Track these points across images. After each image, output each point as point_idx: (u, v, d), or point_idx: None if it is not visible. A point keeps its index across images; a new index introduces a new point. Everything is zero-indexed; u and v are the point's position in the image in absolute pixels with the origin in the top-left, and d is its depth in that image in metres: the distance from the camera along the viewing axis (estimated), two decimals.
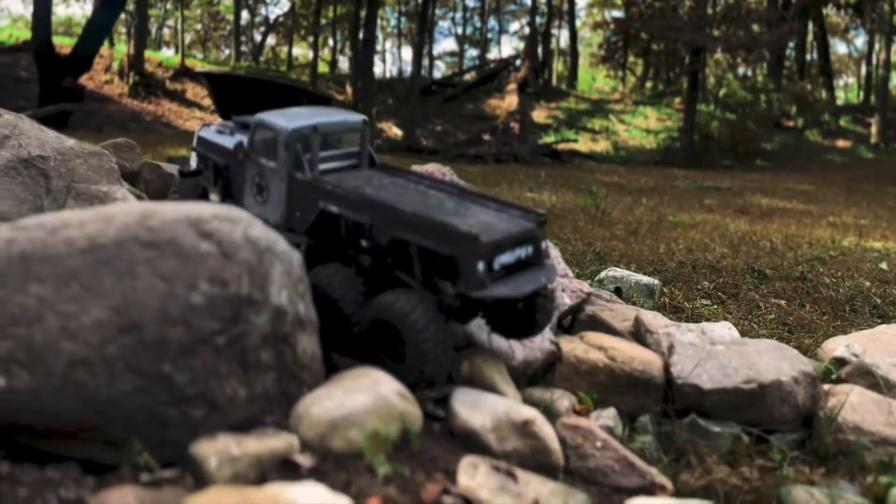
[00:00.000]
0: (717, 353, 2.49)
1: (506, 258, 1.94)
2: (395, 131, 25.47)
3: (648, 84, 38.05)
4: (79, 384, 1.47)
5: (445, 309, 1.95)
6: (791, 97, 30.67)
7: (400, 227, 1.98)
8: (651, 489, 1.84)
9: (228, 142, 2.40)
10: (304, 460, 1.46)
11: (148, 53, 26.02)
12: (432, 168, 3.09)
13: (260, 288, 1.63)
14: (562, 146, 22.85)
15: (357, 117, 2.38)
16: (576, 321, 2.70)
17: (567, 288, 2.62)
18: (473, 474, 1.50)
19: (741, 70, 35.62)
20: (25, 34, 21.74)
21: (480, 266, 1.85)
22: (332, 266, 2.08)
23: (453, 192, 2.23)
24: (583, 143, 25.40)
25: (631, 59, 38.46)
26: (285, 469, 1.46)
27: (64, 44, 20.38)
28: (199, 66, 25.50)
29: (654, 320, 2.79)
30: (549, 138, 25.09)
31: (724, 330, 2.81)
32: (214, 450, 1.45)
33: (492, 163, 19.47)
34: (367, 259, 2.09)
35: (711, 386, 2.33)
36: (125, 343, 1.49)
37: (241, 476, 1.42)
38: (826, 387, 2.48)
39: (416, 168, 2.97)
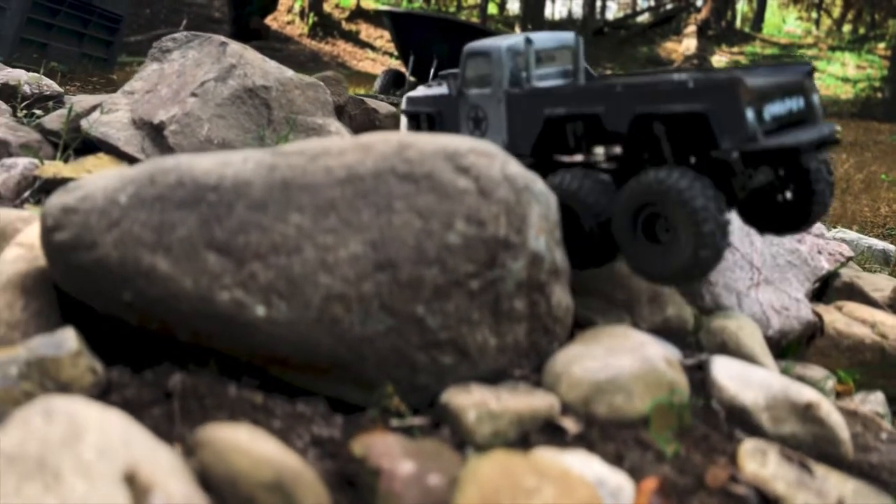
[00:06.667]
0: None
1: (776, 109, 1.68)
2: None
3: (847, 27, 34.24)
4: (334, 320, 1.41)
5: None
6: None
7: (641, 100, 1.72)
8: None
9: (437, 91, 2.31)
10: (571, 425, 1.32)
11: None
12: None
13: (517, 231, 1.48)
14: None
15: (568, 34, 2.20)
16: (828, 288, 2.36)
17: (823, 249, 2.27)
18: (763, 462, 1.29)
19: None
20: None
21: (750, 114, 1.58)
22: (573, 171, 1.88)
23: (692, 70, 2.01)
24: None
25: None
26: (549, 433, 1.32)
27: None
28: (374, 6, 25.92)
29: None
30: None
31: None
32: (472, 402, 1.34)
33: None
34: (605, 162, 1.90)
35: None
36: (381, 281, 1.41)
37: (502, 435, 1.30)
38: None
39: None
